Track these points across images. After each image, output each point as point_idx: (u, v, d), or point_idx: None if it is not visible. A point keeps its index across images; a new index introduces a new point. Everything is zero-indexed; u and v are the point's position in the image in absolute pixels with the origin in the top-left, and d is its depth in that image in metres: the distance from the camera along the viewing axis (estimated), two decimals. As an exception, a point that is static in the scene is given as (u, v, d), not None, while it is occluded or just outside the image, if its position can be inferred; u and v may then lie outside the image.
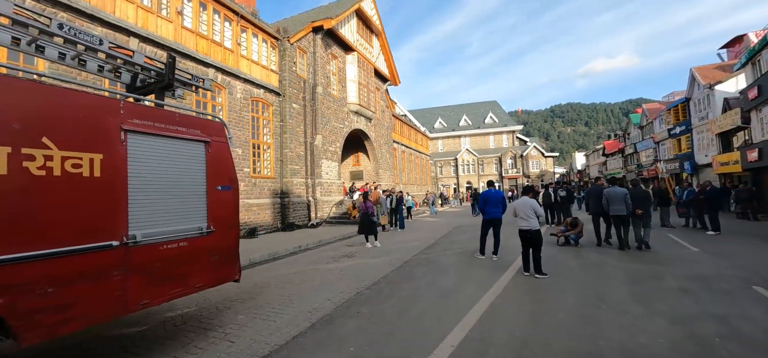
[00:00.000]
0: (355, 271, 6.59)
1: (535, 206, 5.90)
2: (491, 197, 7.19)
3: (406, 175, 31.99)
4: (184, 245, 3.24)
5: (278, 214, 13.91)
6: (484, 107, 57.96)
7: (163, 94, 3.88)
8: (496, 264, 6.71)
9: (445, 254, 8.00)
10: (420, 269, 6.59)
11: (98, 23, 8.33)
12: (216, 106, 11.56)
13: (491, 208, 7.14)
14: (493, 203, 7.15)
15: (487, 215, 7.20)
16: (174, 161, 3.23)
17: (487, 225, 7.27)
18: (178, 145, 3.28)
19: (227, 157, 3.78)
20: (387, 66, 24.27)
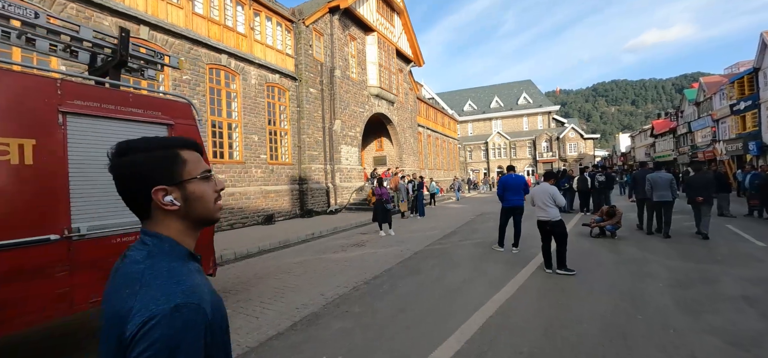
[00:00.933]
0: (361, 262, 6.19)
1: (554, 194, 5.12)
2: (511, 183, 6.45)
3: (432, 160, 31.11)
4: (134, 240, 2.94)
5: (297, 200, 13.85)
6: (517, 88, 54.83)
7: (119, 73, 3.58)
8: (515, 258, 6.01)
9: (461, 245, 7.38)
10: (429, 261, 6.05)
11: (107, 12, 8.37)
12: (231, 92, 11.50)
13: (512, 195, 6.41)
14: (514, 189, 6.41)
15: (507, 203, 6.48)
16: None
17: (507, 214, 6.55)
18: (132, 128, 2.96)
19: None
20: (410, 46, 23.29)
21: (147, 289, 0.65)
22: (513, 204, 6.39)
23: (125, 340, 0.61)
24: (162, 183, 0.73)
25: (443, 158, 34.73)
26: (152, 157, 0.74)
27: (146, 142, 0.76)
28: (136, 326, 0.60)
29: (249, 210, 11.61)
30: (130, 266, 0.70)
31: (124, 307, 0.64)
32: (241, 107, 11.72)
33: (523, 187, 6.44)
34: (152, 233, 0.74)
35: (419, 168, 26.16)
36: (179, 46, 9.88)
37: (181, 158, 0.76)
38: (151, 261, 0.69)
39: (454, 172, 37.94)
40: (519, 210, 6.43)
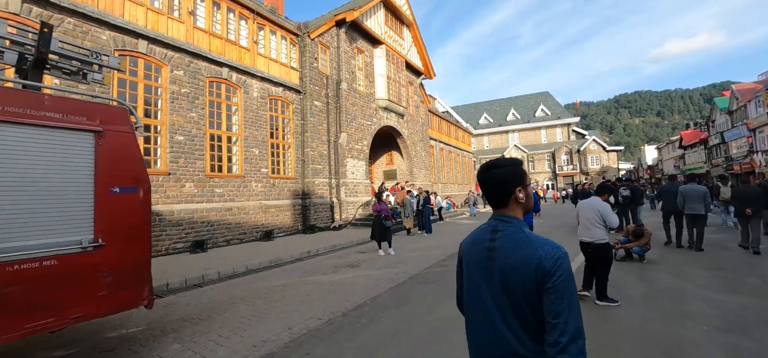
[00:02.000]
0: (347, 286, 5.56)
1: (604, 212, 4.33)
2: None
3: (446, 174, 30.27)
4: (51, 264, 2.46)
5: (299, 215, 13.41)
6: (535, 100, 53.48)
7: (39, 73, 3.17)
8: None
9: (464, 268, 6.62)
10: (423, 288, 5.34)
11: (105, 27, 8.32)
12: (231, 105, 11.31)
13: None
14: None
15: None
16: (37, 156, 2.46)
17: None
18: (46, 135, 2.52)
19: (132, 151, 2.97)
20: (420, 58, 22.92)
21: (540, 244, 1.13)
22: (521, 223, 5.65)
23: (541, 272, 1.09)
24: (518, 186, 1.24)
25: (457, 172, 33.81)
26: (512, 171, 1.25)
27: (504, 162, 1.28)
28: (551, 262, 1.09)
29: (247, 226, 11.22)
30: (513, 234, 1.19)
31: (532, 255, 1.12)
32: (242, 120, 11.49)
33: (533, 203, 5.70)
34: (509, 217, 1.24)
35: (431, 182, 25.41)
36: (178, 60, 9.78)
37: (524, 172, 1.29)
38: (522, 231, 1.20)
39: (470, 186, 36.86)
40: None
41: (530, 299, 1.11)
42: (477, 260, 1.25)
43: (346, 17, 15.11)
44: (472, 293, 1.27)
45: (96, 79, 3.50)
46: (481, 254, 1.24)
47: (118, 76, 8.52)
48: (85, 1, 8.09)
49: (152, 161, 9.07)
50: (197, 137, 10.03)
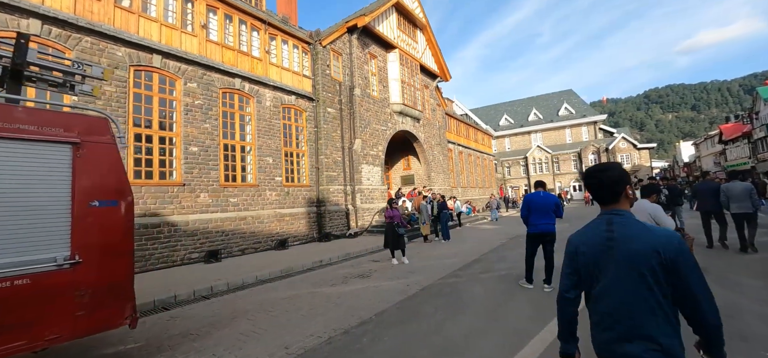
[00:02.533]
0: (355, 299, 5.27)
1: (657, 215, 3.85)
2: (538, 203, 5.23)
3: (466, 178, 29.54)
4: (23, 283, 2.32)
5: (314, 223, 13.30)
6: (557, 98, 51.59)
7: (16, 85, 3.08)
8: (547, 299, 4.74)
9: (480, 279, 6.18)
10: (434, 301, 4.96)
11: (121, 44, 8.56)
12: (245, 115, 11.39)
13: (538, 217, 5.18)
14: (542, 210, 5.18)
15: (532, 228, 5.25)
16: (9, 170, 2.35)
17: (534, 242, 5.30)
18: (19, 148, 2.40)
19: (113, 162, 2.84)
20: (435, 61, 22.55)
21: (658, 233, 1.30)
22: (540, 230, 5.15)
23: (666, 258, 1.24)
24: (628, 184, 1.43)
25: (478, 175, 32.93)
26: (622, 172, 1.45)
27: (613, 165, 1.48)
28: (674, 249, 1.24)
29: (262, 234, 11.20)
30: (632, 225, 1.37)
31: (654, 243, 1.27)
32: (256, 130, 11.55)
33: (553, 207, 5.18)
34: (621, 210, 1.43)
35: (451, 186, 24.83)
36: (192, 72, 9.94)
37: (628, 172, 1.49)
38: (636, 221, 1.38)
39: (491, 190, 35.84)
40: (548, 237, 5.17)
41: (656, 279, 1.25)
42: (597, 250, 1.41)
43: (357, 23, 15.03)
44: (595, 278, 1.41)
45: (84, 91, 3.43)
46: (600, 244, 1.41)
47: (133, 91, 8.73)
48: (101, 20, 8.36)
49: (167, 173, 9.21)
50: (211, 148, 10.13)
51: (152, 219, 8.60)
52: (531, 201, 5.29)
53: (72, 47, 7.81)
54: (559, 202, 5.25)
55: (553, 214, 5.20)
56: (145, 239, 8.39)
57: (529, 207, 5.29)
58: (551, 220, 5.18)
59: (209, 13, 10.76)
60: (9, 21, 7.08)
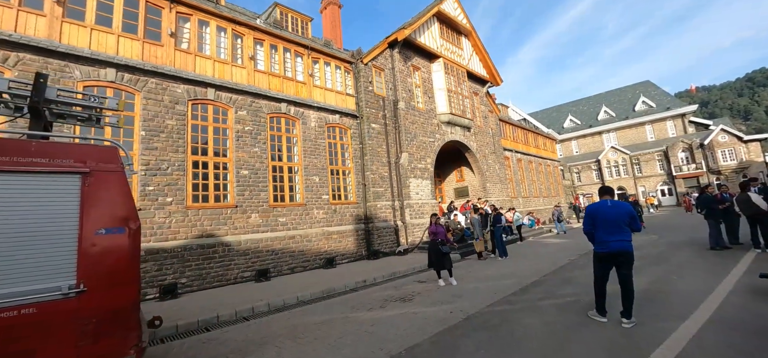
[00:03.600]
0: (389, 328, 4.78)
1: None
2: (606, 215, 4.24)
3: (527, 187, 27.27)
4: (30, 312, 2.33)
5: (362, 241, 13.11)
6: (632, 92, 45.78)
7: (38, 122, 3.23)
8: (625, 337, 3.74)
9: (538, 307, 5.24)
10: (478, 336, 4.23)
11: (180, 81, 9.45)
12: (291, 137, 11.80)
13: (607, 233, 4.19)
14: (611, 224, 4.18)
15: (600, 246, 4.27)
16: (21, 202, 2.42)
17: (604, 264, 4.29)
18: (32, 180, 2.48)
19: (121, 190, 2.84)
20: (484, 66, 21.45)
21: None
22: (611, 248, 4.15)
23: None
24: None
25: (541, 184, 30.22)
26: None
27: None
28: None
29: (310, 253, 11.30)
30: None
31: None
32: (302, 150, 11.88)
33: (626, 219, 4.15)
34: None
35: (510, 197, 23.04)
36: (241, 101, 10.61)
37: None
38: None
39: (558, 199, 32.60)
40: (623, 258, 4.12)
41: None
42: None
43: (397, 37, 14.92)
44: None
45: (111, 123, 3.60)
46: None
47: (191, 122, 9.53)
48: (164, 63, 9.33)
49: (222, 196, 9.80)
50: (260, 170, 10.59)
51: (208, 240, 9.14)
52: (596, 213, 4.33)
53: (140, 89, 8.81)
54: (633, 211, 4.21)
55: (628, 227, 4.17)
56: (202, 259, 8.92)
57: (595, 220, 4.33)
58: (625, 235, 4.15)
59: (256, 46, 11.49)
60: (91, 72, 8.22)
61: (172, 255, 8.48)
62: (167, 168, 8.85)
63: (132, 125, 8.62)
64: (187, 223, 8.90)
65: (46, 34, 7.85)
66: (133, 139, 8.56)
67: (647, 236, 13.44)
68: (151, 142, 8.74)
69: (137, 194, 8.30)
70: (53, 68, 7.78)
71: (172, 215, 8.71)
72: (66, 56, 7.94)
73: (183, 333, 5.53)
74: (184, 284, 8.51)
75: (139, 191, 8.33)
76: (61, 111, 3.35)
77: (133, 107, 8.72)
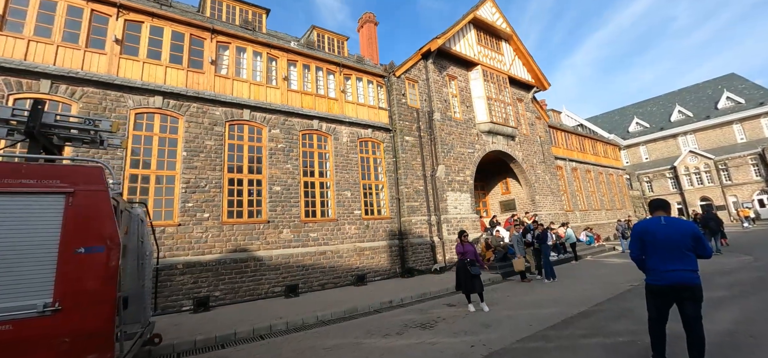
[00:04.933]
0: (399, 359, 4.32)
1: None
2: (659, 238, 3.36)
3: (585, 199, 24.74)
4: (5, 329, 2.36)
5: (396, 257, 12.69)
6: (713, 87, 39.82)
7: (36, 146, 3.36)
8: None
9: (581, 346, 4.38)
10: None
11: (218, 105, 10.06)
12: (323, 152, 11.92)
13: (662, 260, 3.31)
14: (667, 248, 3.30)
15: (655, 277, 3.39)
16: (6, 221, 2.50)
17: (661, 300, 3.37)
18: (20, 201, 2.57)
19: (102, 208, 2.85)
20: (528, 70, 20.10)
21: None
22: (669, 280, 3.26)
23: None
24: None
25: (603, 195, 27.23)
26: None
27: None
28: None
29: (341, 269, 11.16)
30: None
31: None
32: (333, 166, 11.94)
33: (688, 243, 3.25)
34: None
35: (564, 210, 21.02)
36: (275, 120, 10.99)
37: None
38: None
39: (624, 212, 29.08)
40: (687, 292, 3.21)
41: None
42: None
43: (430, 47, 14.56)
44: None
45: (113, 144, 3.74)
46: None
47: (228, 142, 10.06)
48: (204, 88, 10.03)
49: (255, 212, 10.11)
50: (292, 186, 10.80)
51: (241, 254, 9.43)
52: (645, 233, 3.48)
53: (183, 113, 9.52)
54: (698, 232, 3.29)
55: (691, 253, 3.27)
56: (234, 273, 9.21)
57: (644, 242, 3.48)
58: (688, 264, 3.24)
59: (290, 67, 11.92)
60: (142, 100, 9.07)
61: (207, 269, 8.86)
62: (205, 185, 9.37)
63: (175, 147, 9.31)
64: (222, 237, 9.29)
65: (106, 70, 8.86)
66: (175, 160, 9.22)
67: (737, 258, 11.17)
68: (192, 162, 9.34)
69: (178, 210, 8.87)
70: (111, 99, 8.72)
71: (208, 230, 9.15)
72: (121, 88, 8.86)
73: (200, 349, 5.60)
74: (217, 297, 8.82)
75: (179, 207, 8.90)
76: (66, 135, 3.56)
77: (177, 130, 9.42)
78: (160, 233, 8.48)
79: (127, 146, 7.62)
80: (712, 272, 8.79)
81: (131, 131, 8.79)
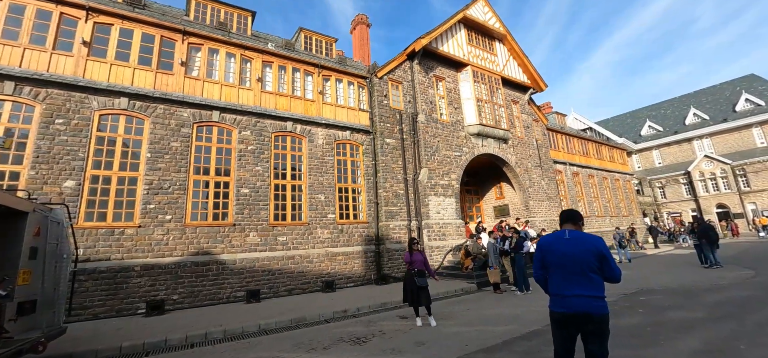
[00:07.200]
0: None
1: None
2: (560, 254, 2.95)
3: (587, 206, 23.82)
4: None
5: (372, 263, 12.37)
6: (731, 88, 37.89)
7: None
8: None
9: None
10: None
11: (186, 106, 10.00)
12: (296, 155, 11.73)
13: (564, 283, 2.88)
14: (568, 268, 2.88)
15: (556, 303, 2.94)
16: None
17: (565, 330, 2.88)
18: None
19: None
20: (524, 71, 19.47)
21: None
22: (567, 307, 2.84)
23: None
24: None
25: (607, 201, 26.17)
26: None
27: None
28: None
29: (311, 274, 10.93)
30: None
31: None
32: (307, 168, 11.74)
33: (592, 263, 2.83)
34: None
35: (560, 217, 20.18)
36: (246, 122, 10.87)
37: None
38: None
39: (632, 218, 27.89)
40: (589, 324, 2.78)
41: None
42: None
43: (415, 47, 14.21)
44: None
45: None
46: None
47: (195, 143, 9.98)
48: (173, 90, 9.99)
49: (221, 214, 9.99)
50: (262, 189, 10.64)
51: (203, 257, 9.32)
52: (546, 250, 3.09)
53: (149, 115, 9.49)
54: (604, 250, 2.87)
55: (596, 276, 2.85)
56: (195, 276, 9.10)
57: (544, 261, 3.10)
58: (593, 289, 2.80)
59: (265, 68, 11.81)
60: (107, 102, 9.08)
61: (166, 271, 8.77)
62: (169, 187, 9.30)
63: (139, 148, 9.28)
64: (184, 240, 9.19)
65: (72, 72, 8.90)
66: (139, 161, 9.19)
67: (738, 272, 10.39)
68: (156, 163, 9.29)
69: (139, 212, 8.82)
70: (75, 100, 8.75)
71: (170, 231, 9.07)
72: (86, 89, 8.89)
73: (125, 354, 5.45)
74: (175, 301, 8.71)
75: (140, 209, 8.85)
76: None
77: (142, 132, 9.40)
78: (119, 234, 8.45)
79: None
80: (706, 288, 8.16)
81: (95, 133, 8.80)
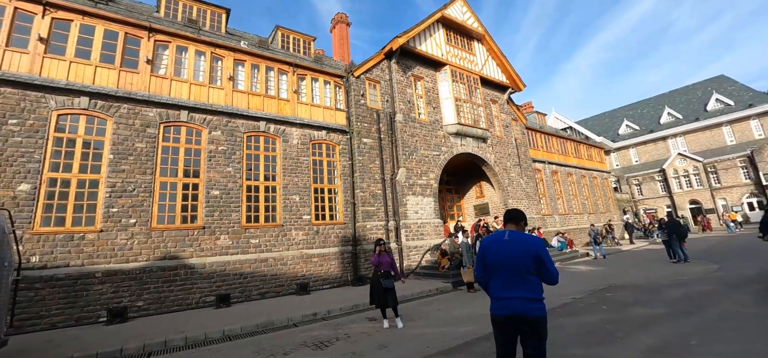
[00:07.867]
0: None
1: None
2: (500, 256, 2.94)
3: (566, 203, 24.30)
4: None
5: (348, 265, 12.28)
6: (702, 89, 39.35)
7: None
8: None
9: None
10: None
11: (152, 105, 9.68)
12: (270, 155, 11.52)
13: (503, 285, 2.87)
14: (507, 270, 2.86)
15: (495, 306, 2.93)
16: None
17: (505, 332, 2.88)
18: None
19: None
20: (502, 71, 19.70)
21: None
22: (505, 310, 2.85)
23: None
24: None
25: (585, 199, 26.76)
26: None
27: None
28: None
29: (285, 277, 10.77)
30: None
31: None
32: (281, 169, 11.55)
33: (529, 264, 2.84)
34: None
35: (541, 215, 20.62)
36: (216, 121, 10.61)
37: None
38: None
39: (609, 215, 28.63)
40: (526, 327, 2.81)
41: None
42: None
43: (392, 47, 14.17)
44: None
45: None
46: None
47: (162, 144, 9.67)
48: (138, 89, 9.65)
49: (189, 217, 9.72)
50: (233, 190, 10.41)
51: (170, 262, 9.04)
52: (487, 251, 3.08)
53: (112, 115, 9.14)
54: (541, 252, 2.88)
55: (533, 278, 2.86)
56: (161, 282, 8.82)
57: (485, 262, 3.09)
58: (530, 291, 2.81)
59: (237, 66, 11.54)
60: (65, 101, 8.69)
61: (130, 277, 8.48)
62: (133, 190, 8.99)
63: (101, 149, 8.93)
64: (149, 244, 8.90)
65: (27, 70, 8.48)
66: (101, 163, 8.84)
67: (703, 266, 10.75)
68: (119, 165, 8.96)
69: (100, 216, 8.49)
70: (30, 100, 8.34)
71: (134, 236, 8.77)
72: (42, 88, 8.49)
73: (74, 370, 5.22)
74: (140, 308, 8.43)
75: (102, 213, 8.52)
76: None
77: (105, 132, 9.05)
78: (78, 239, 8.11)
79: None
80: (668, 284, 8.37)
81: (52, 134, 8.42)
